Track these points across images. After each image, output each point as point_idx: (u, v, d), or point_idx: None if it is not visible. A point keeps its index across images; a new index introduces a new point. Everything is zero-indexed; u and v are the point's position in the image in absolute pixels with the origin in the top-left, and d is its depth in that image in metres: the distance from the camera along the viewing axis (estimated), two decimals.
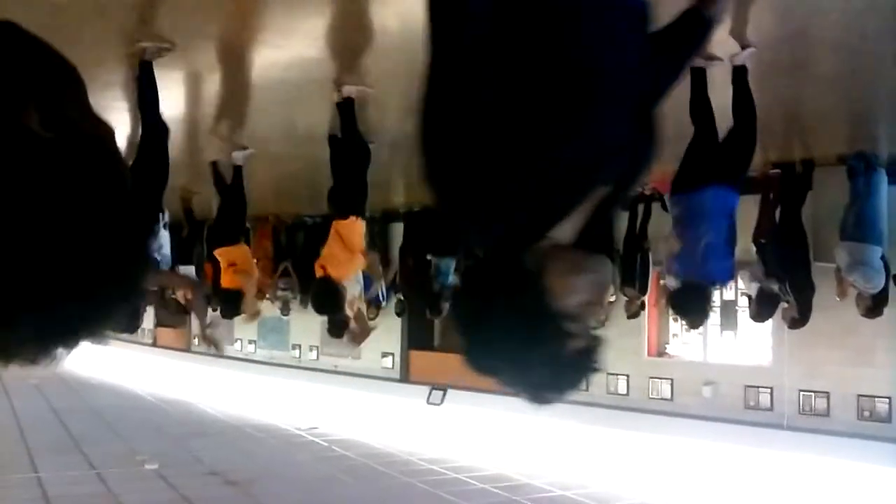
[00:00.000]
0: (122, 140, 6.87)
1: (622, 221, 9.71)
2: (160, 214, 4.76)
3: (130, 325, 5.23)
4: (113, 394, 18.22)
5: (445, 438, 11.53)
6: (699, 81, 4.51)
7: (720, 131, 4.58)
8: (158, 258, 4.75)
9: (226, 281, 7.53)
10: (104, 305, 0.91)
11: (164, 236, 4.84)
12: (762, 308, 7.59)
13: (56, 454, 10.73)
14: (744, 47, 4.48)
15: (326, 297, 5.85)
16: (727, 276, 4.85)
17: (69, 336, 0.90)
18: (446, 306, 10.17)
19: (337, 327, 6.70)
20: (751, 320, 8.13)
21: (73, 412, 14.65)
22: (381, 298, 11.73)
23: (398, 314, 12.67)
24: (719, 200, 4.50)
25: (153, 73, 4.66)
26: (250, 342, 17.62)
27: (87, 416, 14.47)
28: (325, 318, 6.74)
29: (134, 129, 4.92)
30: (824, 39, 4.46)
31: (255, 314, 9.50)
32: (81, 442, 11.61)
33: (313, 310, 6.20)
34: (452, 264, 9.61)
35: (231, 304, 8.01)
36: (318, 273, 5.76)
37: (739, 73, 4.58)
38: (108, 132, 0.96)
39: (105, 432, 12.77)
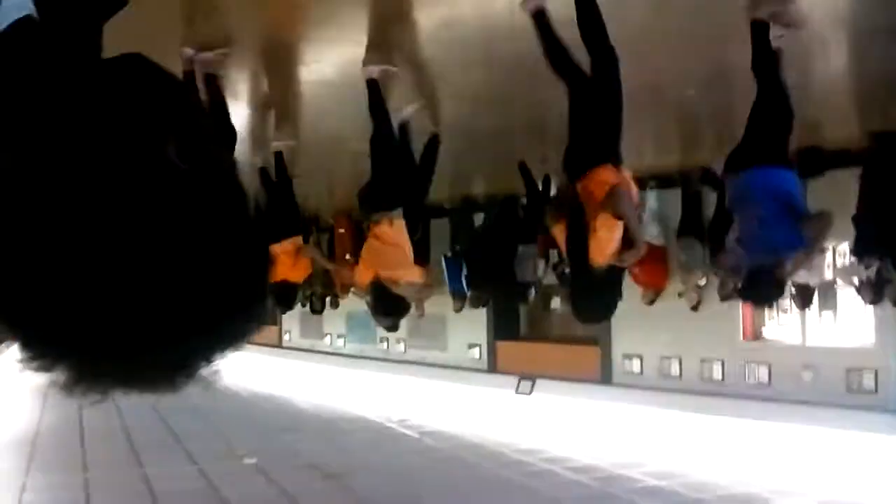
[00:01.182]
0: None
1: (710, 201, 9.46)
2: None
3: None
4: (210, 390, 18.74)
5: (536, 428, 11.46)
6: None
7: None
8: None
9: (281, 273, 7.56)
10: (228, 338, 0.94)
11: None
12: (878, 289, 7.26)
13: (159, 451, 11.11)
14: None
15: (388, 305, 5.70)
16: (792, 246, 4.52)
17: (190, 368, 0.91)
18: (532, 293, 10.10)
19: (394, 325, 6.60)
20: (865, 303, 7.80)
21: (172, 409, 15.11)
22: (465, 288, 11.72)
23: (475, 307, 12.64)
24: (764, 181, 4.28)
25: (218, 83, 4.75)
26: (339, 336, 17.91)
27: (186, 412, 14.91)
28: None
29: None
30: None
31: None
32: (182, 438, 11.99)
33: (375, 319, 6.07)
34: (535, 250, 9.50)
35: (286, 298, 8.03)
36: (368, 277, 5.56)
37: (759, 29, 4.24)
38: (233, 162, 0.98)
39: (204, 428, 13.14)
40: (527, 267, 9.34)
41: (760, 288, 4.48)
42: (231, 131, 4.94)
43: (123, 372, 0.87)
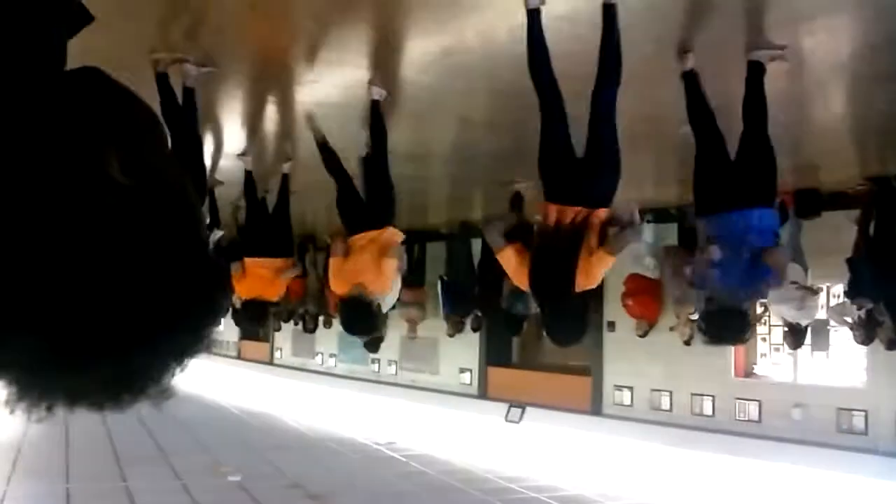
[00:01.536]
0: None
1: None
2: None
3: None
4: (198, 405, 18.65)
5: (524, 457, 11.40)
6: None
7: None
8: None
9: (254, 290, 7.46)
10: (173, 354, 0.95)
11: None
12: (865, 331, 7.28)
13: (143, 464, 11.03)
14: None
15: (360, 316, 5.40)
16: (751, 285, 4.45)
17: (136, 385, 0.90)
18: (525, 326, 10.06)
19: (374, 343, 6.43)
20: (859, 344, 7.81)
21: (159, 422, 15.03)
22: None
23: (474, 330, 12.63)
24: (745, 222, 4.30)
25: (168, 84, 4.69)
26: (331, 356, 17.86)
27: (172, 426, 14.84)
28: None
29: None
30: None
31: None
32: (167, 452, 11.91)
33: (344, 329, 5.81)
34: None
35: (255, 314, 7.93)
36: (346, 289, 5.33)
37: (755, 71, 4.32)
38: (185, 181, 0.97)
39: (190, 443, 13.07)
40: (515, 303, 9.29)
41: (717, 328, 4.48)
42: (197, 143, 4.85)
43: (66, 387, 0.86)
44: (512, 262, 4.07)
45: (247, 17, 4.17)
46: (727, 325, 4.44)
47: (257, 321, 8.24)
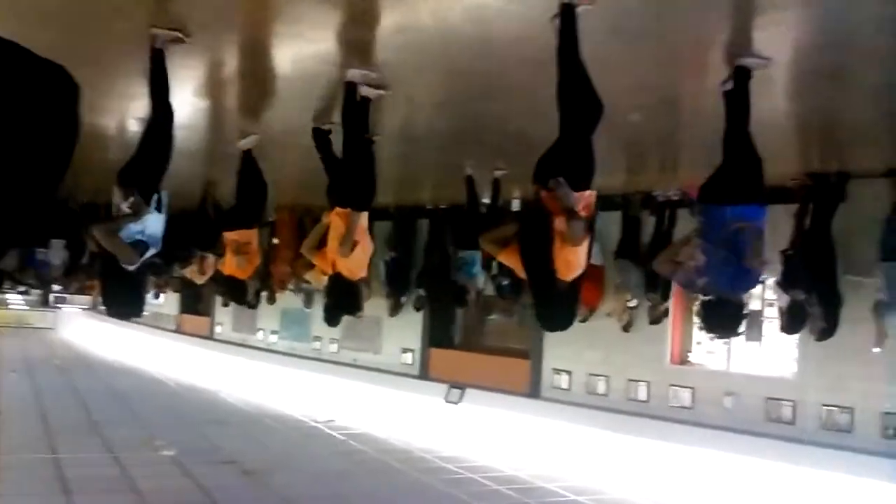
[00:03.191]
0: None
1: (648, 227, 9.64)
2: (154, 196, 4.80)
3: (132, 310, 5.26)
4: (135, 377, 18.38)
5: (462, 437, 11.50)
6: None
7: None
8: (143, 238, 4.75)
9: (229, 268, 7.55)
10: None
11: (155, 218, 4.85)
12: (792, 320, 7.48)
13: (75, 435, 10.83)
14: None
15: (345, 299, 5.72)
16: (751, 285, 4.80)
17: None
18: (471, 298, 10.12)
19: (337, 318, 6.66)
20: (781, 332, 8.01)
21: (94, 394, 14.79)
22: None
23: (417, 309, 12.66)
24: (741, 218, 4.46)
25: (163, 60, 4.70)
26: (272, 332, 17.71)
27: (108, 398, 14.59)
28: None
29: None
30: (864, 49, 4.36)
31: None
32: (101, 425, 11.71)
33: (330, 310, 6.06)
34: (478, 257, 9.52)
35: (235, 292, 8.04)
36: (327, 268, 5.65)
37: (742, 77, 4.49)
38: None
39: (125, 416, 12.87)
40: (463, 267, 9.35)
41: (719, 318, 4.60)
42: (168, 110, 4.86)
43: None
44: (510, 260, 4.11)
45: None
46: (723, 317, 4.57)
47: (235, 298, 8.29)
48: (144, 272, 4.99)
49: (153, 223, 4.83)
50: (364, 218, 5.48)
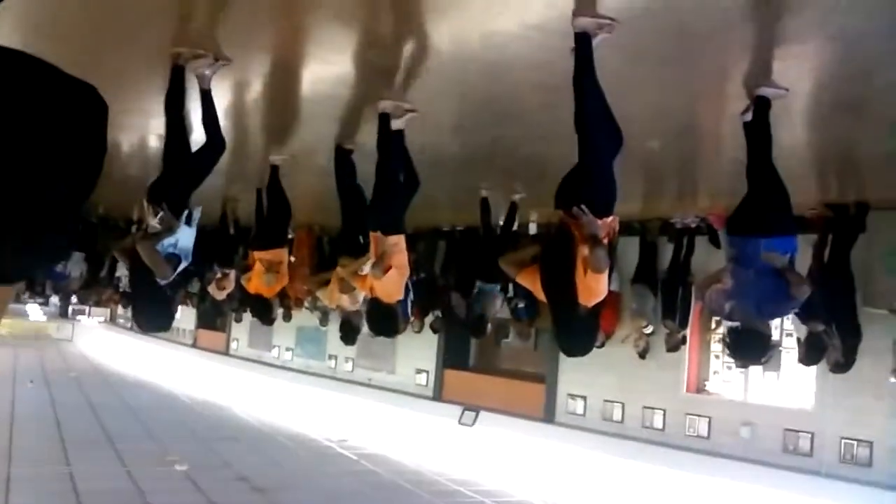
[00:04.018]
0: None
1: (665, 253, 9.59)
2: (185, 211, 4.87)
3: (162, 323, 5.30)
4: (150, 392, 18.45)
5: (475, 460, 11.43)
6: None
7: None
8: (176, 251, 4.82)
9: (255, 286, 7.58)
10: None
11: (187, 232, 4.94)
12: (810, 351, 7.39)
13: (89, 449, 10.88)
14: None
15: (383, 322, 5.79)
16: (778, 313, 4.75)
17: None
18: (489, 328, 10.08)
19: (353, 338, 6.85)
20: (800, 363, 7.92)
21: (109, 408, 14.86)
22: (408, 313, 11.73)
23: (435, 331, 12.62)
24: (773, 249, 4.44)
25: (182, 77, 4.77)
26: (288, 350, 17.73)
27: (122, 412, 14.66)
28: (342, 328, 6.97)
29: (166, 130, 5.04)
30: (884, 81, 4.32)
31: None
32: (115, 438, 11.75)
33: (371, 331, 6.12)
34: (497, 289, 9.49)
35: (261, 310, 8.10)
36: (366, 291, 5.70)
37: (762, 107, 4.48)
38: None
39: (139, 430, 12.91)
40: (485, 304, 9.31)
41: (746, 345, 4.57)
42: (219, 141, 5.00)
43: None
44: (528, 282, 4.10)
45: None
46: (748, 345, 4.54)
47: (261, 317, 8.37)
48: (175, 286, 5.06)
49: (185, 237, 4.91)
50: (399, 241, 5.51)
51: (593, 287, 3.70)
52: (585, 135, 3.85)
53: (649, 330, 9.82)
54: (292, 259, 12.87)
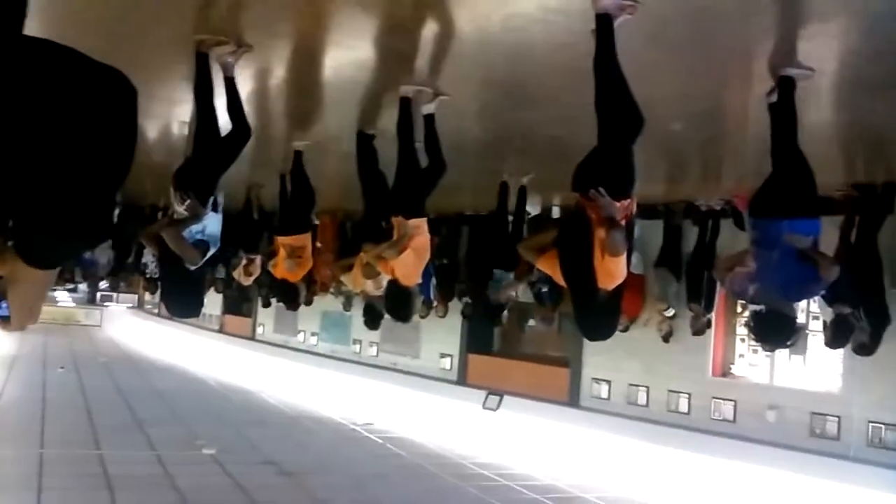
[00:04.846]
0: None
1: (690, 236, 9.52)
2: (210, 197, 4.91)
3: (192, 309, 5.35)
4: (178, 377, 18.67)
5: (499, 444, 11.46)
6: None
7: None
8: (204, 238, 4.87)
9: (280, 271, 7.65)
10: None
11: (214, 218, 4.99)
12: (837, 334, 7.32)
13: (119, 433, 11.04)
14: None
15: (399, 304, 5.83)
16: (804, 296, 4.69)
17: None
18: (506, 316, 10.07)
19: (377, 322, 6.92)
20: (826, 346, 7.85)
21: (138, 393, 15.06)
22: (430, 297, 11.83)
23: (465, 316, 12.64)
24: (796, 231, 4.39)
25: (207, 64, 4.81)
26: (313, 334, 17.86)
27: (151, 397, 14.85)
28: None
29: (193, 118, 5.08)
30: None
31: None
32: (144, 423, 11.92)
33: (389, 315, 6.17)
34: (511, 277, 9.48)
35: (288, 295, 8.17)
36: (388, 273, 5.74)
37: (787, 88, 4.42)
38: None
39: (167, 415, 13.08)
40: (501, 292, 9.31)
41: (771, 329, 4.54)
42: (245, 127, 5.03)
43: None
44: (548, 267, 4.10)
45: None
46: (773, 329, 4.51)
47: (287, 301, 8.46)
48: (204, 272, 5.12)
49: (212, 223, 4.98)
50: (421, 225, 5.53)
51: (612, 270, 3.69)
52: (605, 117, 3.83)
53: (671, 313, 9.77)
54: (318, 245, 12.99)
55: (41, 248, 1.18)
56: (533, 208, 9.17)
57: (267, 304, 14.34)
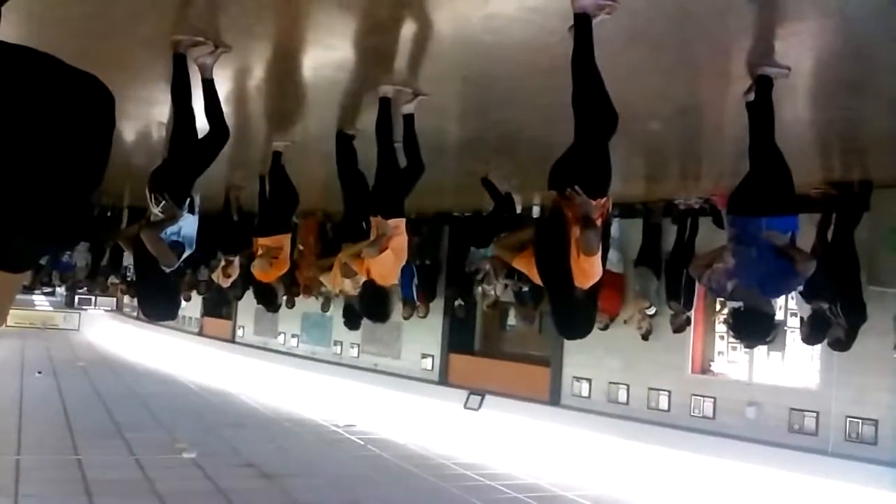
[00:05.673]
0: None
1: (669, 235, 9.58)
2: (186, 199, 4.88)
3: (168, 312, 5.30)
4: (157, 380, 18.53)
5: (481, 444, 11.47)
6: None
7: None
8: (179, 239, 4.84)
9: (259, 274, 7.59)
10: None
11: (190, 219, 4.95)
12: (814, 330, 7.39)
13: (97, 438, 10.94)
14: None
15: (375, 304, 5.83)
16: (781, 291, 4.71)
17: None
18: (478, 291, 10.11)
19: (357, 323, 6.91)
20: (804, 343, 7.92)
21: (117, 397, 14.93)
22: (413, 297, 11.93)
23: (454, 316, 12.67)
24: (774, 228, 4.42)
25: (185, 66, 4.77)
26: (293, 336, 17.78)
27: (130, 401, 14.73)
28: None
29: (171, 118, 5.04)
30: (885, 59, 4.30)
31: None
32: (123, 427, 11.82)
33: (364, 315, 6.17)
34: (488, 252, 9.50)
35: (266, 296, 8.11)
36: (363, 273, 5.73)
37: (765, 87, 4.46)
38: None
39: (146, 418, 12.97)
40: (475, 262, 9.35)
41: (750, 325, 4.56)
42: (222, 129, 4.99)
43: None
44: (524, 266, 4.10)
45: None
46: (752, 325, 4.53)
47: (265, 303, 8.40)
48: (180, 273, 5.08)
49: (188, 225, 4.93)
50: (399, 225, 5.52)
51: (587, 269, 3.70)
52: (581, 115, 3.84)
53: (651, 311, 9.83)
54: (300, 247, 12.93)
55: (6, 249, 1.17)
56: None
57: (238, 297, 14.27)
